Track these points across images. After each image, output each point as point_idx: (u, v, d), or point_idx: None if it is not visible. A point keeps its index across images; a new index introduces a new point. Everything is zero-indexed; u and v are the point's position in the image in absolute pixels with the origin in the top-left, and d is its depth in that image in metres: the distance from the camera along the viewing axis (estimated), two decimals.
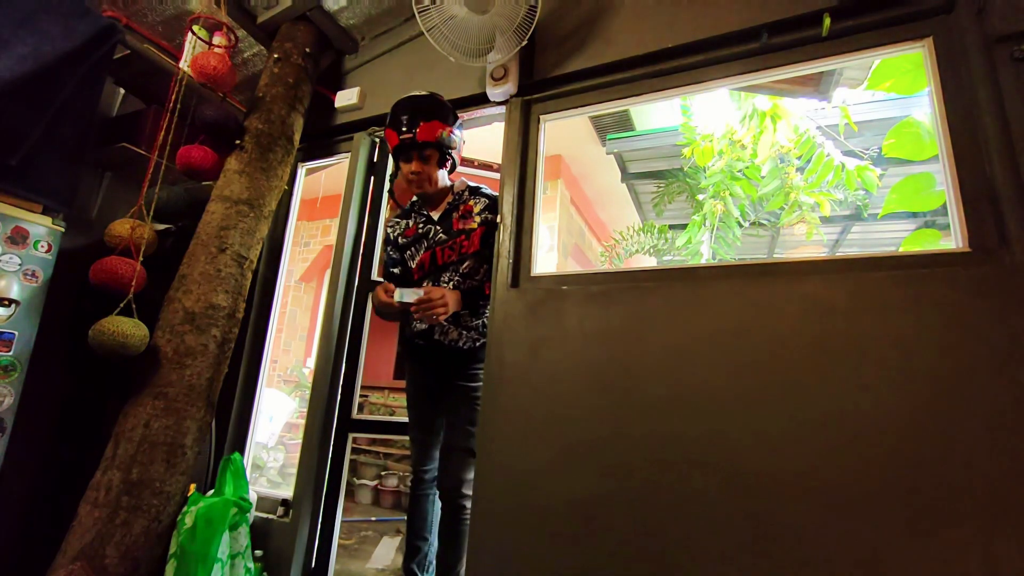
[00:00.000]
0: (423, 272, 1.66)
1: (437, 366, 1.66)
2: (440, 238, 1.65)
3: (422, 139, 1.54)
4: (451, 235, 1.65)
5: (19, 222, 1.56)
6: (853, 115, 2.68)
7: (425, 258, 1.65)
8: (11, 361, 1.52)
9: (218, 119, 1.78)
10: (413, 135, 1.53)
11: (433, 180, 1.62)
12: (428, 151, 1.58)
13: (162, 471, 1.46)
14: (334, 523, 1.82)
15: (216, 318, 1.63)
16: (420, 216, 1.71)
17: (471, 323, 1.64)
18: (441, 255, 1.63)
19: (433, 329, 1.61)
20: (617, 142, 3.73)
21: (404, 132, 1.53)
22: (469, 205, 1.68)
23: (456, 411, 1.60)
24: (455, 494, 1.52)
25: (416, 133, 1.53)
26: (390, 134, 1.58)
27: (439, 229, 1.66)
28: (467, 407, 1.58)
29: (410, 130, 1.53)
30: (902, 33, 1.27)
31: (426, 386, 1.69)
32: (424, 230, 1.68)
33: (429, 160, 1.59)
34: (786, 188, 3.03)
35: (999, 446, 0.97)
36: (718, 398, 1.21)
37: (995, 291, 1.04)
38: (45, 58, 1.56)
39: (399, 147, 1.57)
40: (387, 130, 1.59)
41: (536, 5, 1.54)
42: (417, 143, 1.54)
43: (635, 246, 4.36)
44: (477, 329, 1.64)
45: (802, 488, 1.09)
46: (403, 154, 1.59)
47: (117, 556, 1.34)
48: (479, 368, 1.61)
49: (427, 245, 1.66)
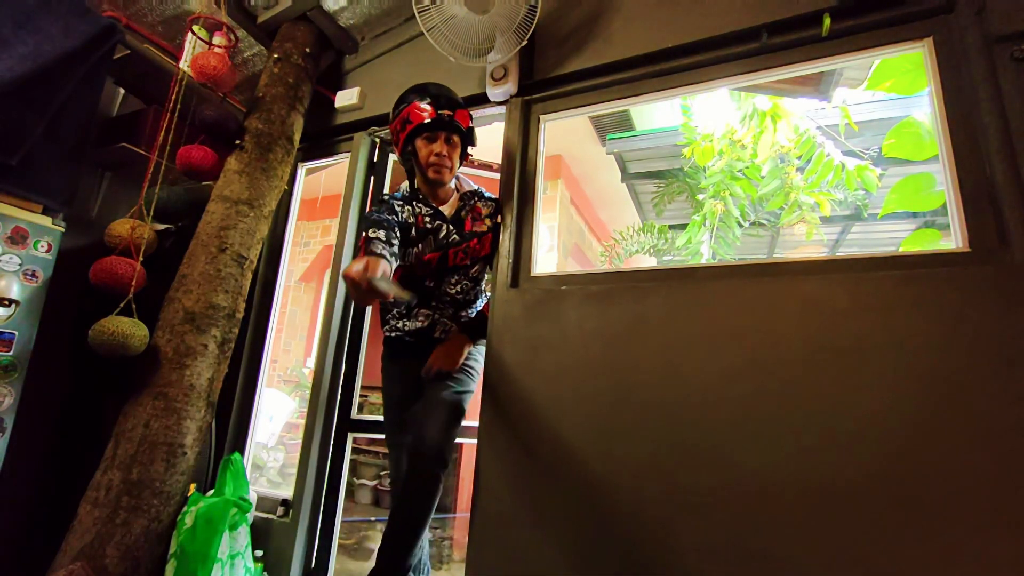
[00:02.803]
0: (428, 271, 1.56)
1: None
2: (453, 239, 1.56)
3: (459, 121, 1.49)
4: (465, 237, 1.58)
5: (19, 222, 1.56)
6: (853, 115, 2.68)
7: (434, 258, 1.55)
8: (11, 361, 1.51)
9: (218, 119, 1.78)
10: (452, 115, 1.48)
11: (453, 170, 1.54)
12: (456, 137, 1.52)
13: (162, 471, 1.46)
14: (334, 523, 1.82)
15: (216, 318, 1.63)
16: (427, 207, 1.57)
17: (471, 315, 1.65)
18: (453, 257, 1.56)
19: (433, 327, 1.58)
20: (617, 142, 3.72)
21: (443, 108, 1.47)
22: (479, 207, 1.63)
23: (441, 379, 1.50)
24: (433, 460, 1.31)
25: (455, 115, 1.48)
26: (420, 108, 1.47)
27: (452, 229, 1.57)
28: (456, 374, 1.50)
29: (451, 109, 1.48)
30: (902, 33, 1.27)
31: (415, 384, 1.55)
32: (434, 226, 1.56)
33: (455, 148, 1.52)
34: (786, 188, 3.03)
35: (999, 446, 0.97)
36: (718, 398, 1.21)
37: (995, 291, 1.04)
38: (45, 58, 1.56)
39: (433, 123, 1.47)
40: (414, 104, 1.49)
41: (536, 5, 1.54)
42: (454, 123, 1.48)
43: (635, 246, 4.36)
44: (476, 308, 1.66)
45: (801, 487, 1.09)
46: (429, 132, 1.49)
47: (117, 556, 1.34)
48: (477, 352, 1.59)
49: (437, 244, 1.56)
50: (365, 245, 1.32)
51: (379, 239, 1.33)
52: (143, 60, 2.04)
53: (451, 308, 1.62)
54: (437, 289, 1.59)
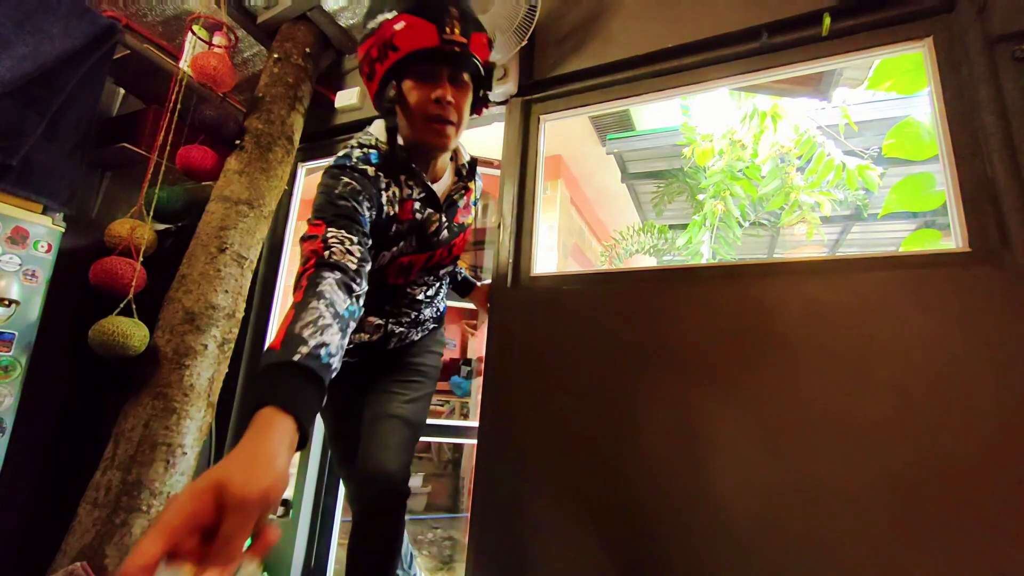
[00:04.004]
0: (404, 279, 1.16)
1: (379, 368, 1.25)
2: (444, 236, 1.17)
3: (476, 52, 0.99)
4: (454, 232, 1.21)
5: (19, 222, 1.57)
6: (853, 115, 2.68)
7: (416, 260, 1.13)
8: (11, 361, 1.52)
9: (218, 119, 1.78)
10: (466, 43, 0.96)
11: (461, 128, 1.04)
12: (466, 76, 1.01)
13: (162, 471, 1.46)
14: (334, 523, 1.82)
15: (216, 318, 1.63)
16: (418, 187, 1.07)
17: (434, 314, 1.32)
18: (439, 257, 1.20)
19: (388, 339, 1.22)
20: (617, 142, 3.73)
21: (451, 33, 0.94)
22: (471, 189, 1.24)
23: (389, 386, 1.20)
24: (390, 494, 1.05)
25: (470, 42, 0.97)
26: (421, 26, 0.93)
27: (444, 222, 1.15)
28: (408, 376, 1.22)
29: (464, 34, 0.96)
30: (902, 33, 1.27)
31: (361, 406, 1.21)
32: (424, 216, 1.10)
33: (465, 92, 1.02)
34: (786, 188, 3.03)
35: (1001, 448, 0.97)
36: (718, 398, 1.21)
37: (996, 291, 1.03)
38: (45, 58, 1.57)
39: (434, 53, 0.95)
40: (401, 17, 0.94)
41: (536, 5, 1.54)
42: (469, 54, 0.98)
43: (635, 246, 4.36)
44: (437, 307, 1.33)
45: (800, 489, 1.09)
46: (432, 66, 0.97)
47: (117, 556, 1.34)
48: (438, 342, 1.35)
49: (423, 243, 1.12)
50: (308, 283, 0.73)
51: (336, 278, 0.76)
52: (143, 60, 2.04)
53: (412, 314, 1.24)
54: (398, 292, 1.18)
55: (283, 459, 0.53)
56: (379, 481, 1.04)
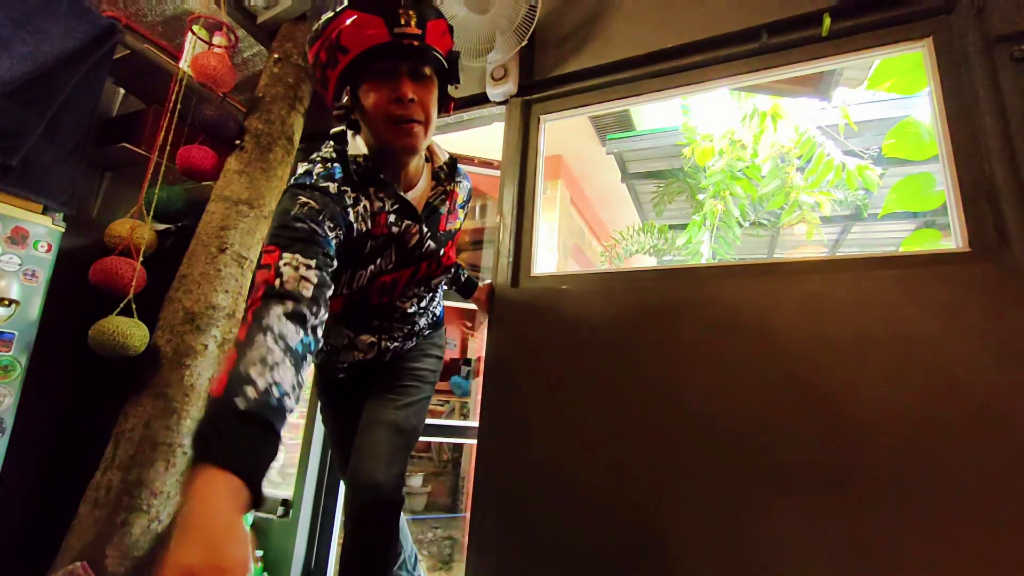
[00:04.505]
0: (388, 297, 1.09)
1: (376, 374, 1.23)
2: (429, 248, 1.08)
3: (434, 43, 0.91)
4: (440, 241, 1.11)
5: (19, 222, 1.57)
6: (853, 115, 2.68)
7: (399, 277, 1.07)
8: (11, 361, 1.52)
9: (218, 119, 1.78)
10: (421, 34, 0.88)
11: (429, 126, 0.95)
12: (429, 69, 0.93)
13: (162, 471, 1.46)
14: (334, 523, 1.82)
15: (216, 318, 1.63)
16: (389, 199, 0.99)
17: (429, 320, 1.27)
18: (426, 269, 1.11)
19: (383, 354, 1.19)
20: (617, 142, 3.73)
21: (404, 25, 0.86)
22: (455, 192, 1.14)
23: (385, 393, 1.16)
24: (384, 504, 1.02)
25: (426, 32, 0.89)
26: (370, 21, 0.86)
27: (426, 232, 1.07)
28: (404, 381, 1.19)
29: (419, 24, 0.88)
30: (902, 33, 1.27)
31: (359, 409, 1.18)
32: (401, 228, 1.02)
33: (429, 89, 0.94)
34: (786, 188, 3.04)
35: (998, 445, 0.97)
36: (718, 398, 1.21)
37: (995, 290, 1.03)
38: (45, 58, 1.57)
39: (388, 50, 0.87)
40: (348, 15, 0.87)
41: (536, 5, 1.54)
42: (426, 47, 0.90)
43: (635, 246, 4.36)
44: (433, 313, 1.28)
45: (799, 488, 1.09)
46: (387, 63, 0.89)
47: (117, 556, 1.34)
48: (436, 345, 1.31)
49: (403, 258, 1.05)
50: (253, 318, 0.68)
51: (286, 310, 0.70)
52: (143, 60, 2.04)
53: (405, 328, 1.20)
54: (387, 307, 1.13)
55: (238, 524, 0.50)
56: (368, 491, 1.01)
